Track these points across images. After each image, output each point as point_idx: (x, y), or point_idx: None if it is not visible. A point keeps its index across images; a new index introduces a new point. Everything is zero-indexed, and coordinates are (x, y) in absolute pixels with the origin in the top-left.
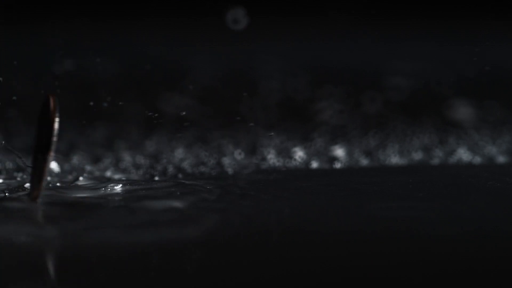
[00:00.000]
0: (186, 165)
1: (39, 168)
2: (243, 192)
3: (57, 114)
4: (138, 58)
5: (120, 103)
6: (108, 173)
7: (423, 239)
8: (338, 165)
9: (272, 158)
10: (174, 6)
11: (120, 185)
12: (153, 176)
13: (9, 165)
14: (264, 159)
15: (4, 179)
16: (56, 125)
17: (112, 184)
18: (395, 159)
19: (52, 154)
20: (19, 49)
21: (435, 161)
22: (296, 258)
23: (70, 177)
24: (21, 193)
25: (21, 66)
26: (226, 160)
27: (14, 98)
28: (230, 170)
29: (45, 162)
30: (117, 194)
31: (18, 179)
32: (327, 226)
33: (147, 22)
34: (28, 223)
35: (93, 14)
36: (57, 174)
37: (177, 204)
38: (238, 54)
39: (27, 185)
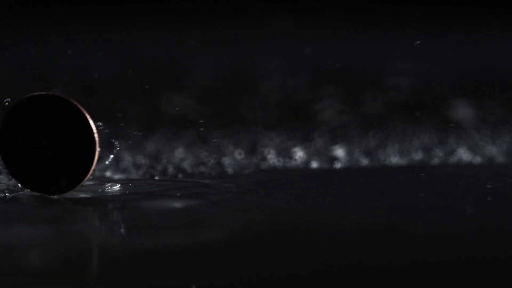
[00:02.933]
0: (186, 165)
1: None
2: (264, 192)
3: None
4: (138, 58)
5: (120, 103)
6: (108, 173)
7: (423, 239)
8: (338, 165)
9: (272, 158)
10: (174, 6)
11: (131, 185)
12: (153, 176)
13: None
14: (264, 159)
15: (4, 179)
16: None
17: (122, 185)
18: (395, 159)
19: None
20: (19, 49)
21: (435, 161)
22: (301, 259)
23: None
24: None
25: (21, 66)
26: (226, 160)
27: (8, 99)
28: (230, 170)
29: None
30: (131, 194)
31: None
32: (348, 226)
33: (147, 22)
34: (39, 225)
35: (93, 14)
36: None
37: (196, 204)
38: (238, 54)
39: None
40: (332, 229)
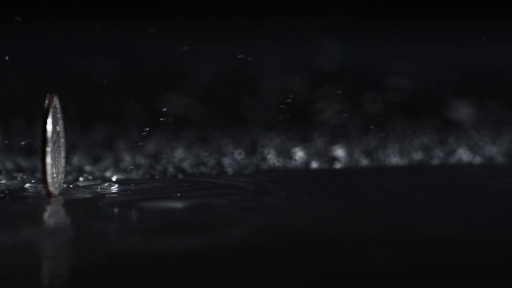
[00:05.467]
0: (186, 165)
1: (42, 164)
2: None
3: (54, 111)
4: (138, 58)
5: (120, 103)
6: (108, 173)
7: (423, 239)
8: (338, 165)
9: (272, 158)
10: (174, 6)
11: (141, 184)
12: (153, 176)
13: (9, 165)
14: (264, 159)
15: (4, 179)
16: (50, 121)
17: (134, 184)
18: (395, 159)
19: (47, 149)
20: (19, 49)
21: (435, 161)
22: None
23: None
24: (26, 193)
25: (21, 66)
26: (226, 160)
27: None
28: (230, 170)
29: (44, 157)
30: (145, 193)
31: (18, 179)
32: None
33: (147, 22)
34: (51, 225)
35: (94, 14)
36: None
37: (214, 203)
38: (238, 54)
39: (27, 185)
40: (348, 230)
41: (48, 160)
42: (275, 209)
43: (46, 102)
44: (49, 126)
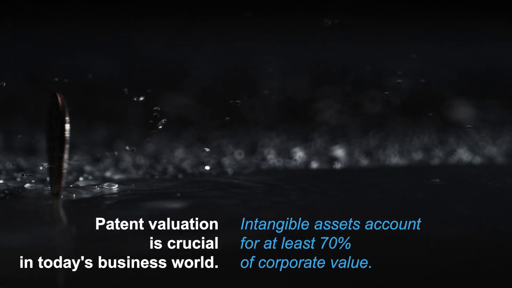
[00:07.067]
0: (186, 165)
1: (57, 166)
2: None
3: (66, 112)
4: (138, 58)
5: (120, 103)
6: (108, 173)
7: (423, 239)
8: (338, 165)
9: (272, 158)
10: (174, 6)
11: (133, 185)
12: (153, 176)
13: (9, 165)
14: (264, 159)
15: (4, 179)
16: (67, 124)
17: (134, 184)
18: (395, 159)
19: (66, 151)
20: (18, 49)
21: (435, 161)
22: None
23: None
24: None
25: (21, 66)
26: (226, 160)
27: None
28: (230, 170)
29: (61, 160)
30: (142, 195)
31: (18, 179)
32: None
33: (147, 22)
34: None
35: (93, 14)
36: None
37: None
38: (238, 54)
39: (27, 185)
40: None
41: (66, 159)
42: (285, 209)
43: (59, 101)
44: (68, 126)
